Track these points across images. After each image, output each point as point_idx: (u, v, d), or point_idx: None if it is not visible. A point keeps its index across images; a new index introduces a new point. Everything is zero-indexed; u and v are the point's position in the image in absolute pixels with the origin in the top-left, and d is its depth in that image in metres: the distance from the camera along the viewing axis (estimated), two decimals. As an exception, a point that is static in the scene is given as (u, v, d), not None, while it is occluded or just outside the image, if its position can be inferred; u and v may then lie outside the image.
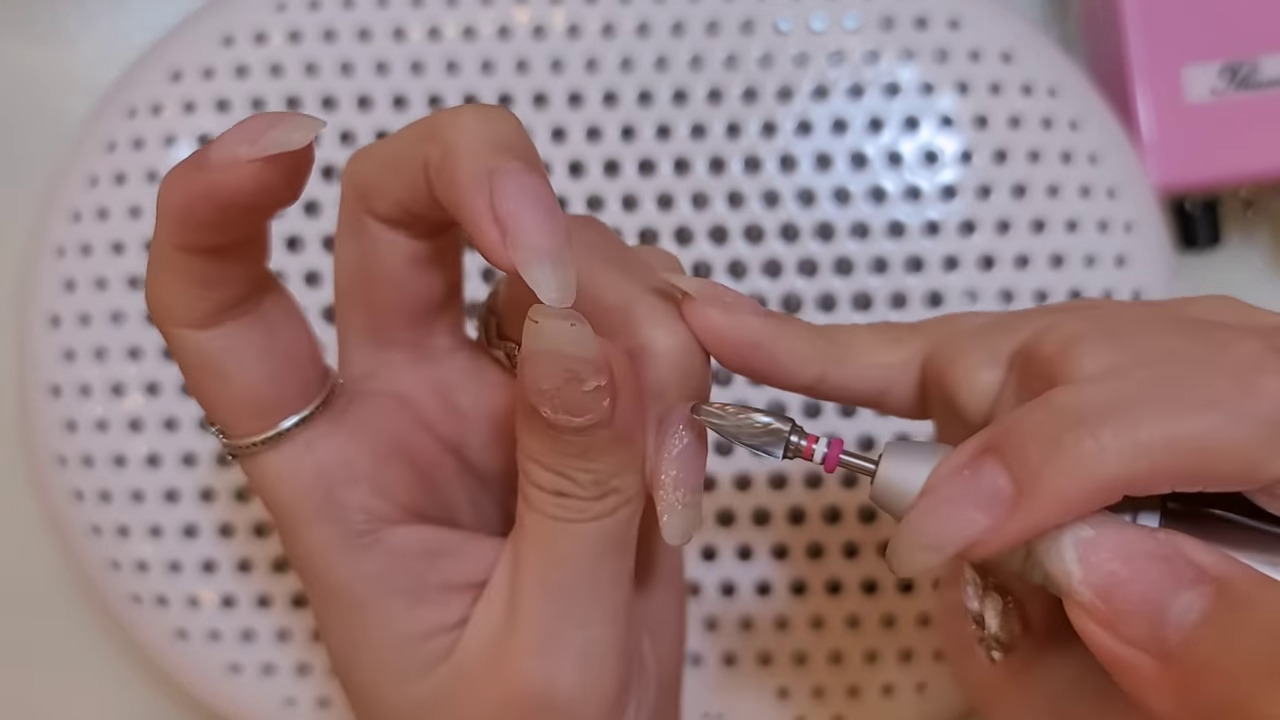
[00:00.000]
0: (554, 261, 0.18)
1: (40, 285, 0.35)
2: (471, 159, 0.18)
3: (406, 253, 0.21)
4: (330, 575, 0.21)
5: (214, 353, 0.20)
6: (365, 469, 0.21)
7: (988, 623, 0.21)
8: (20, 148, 0.39)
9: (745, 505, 0.34)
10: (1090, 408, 0.17)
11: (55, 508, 0.34)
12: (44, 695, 0.39)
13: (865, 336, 0.22)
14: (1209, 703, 0.16)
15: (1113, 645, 0.17)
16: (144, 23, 0.38)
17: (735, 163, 0.34)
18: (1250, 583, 0.16)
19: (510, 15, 0.35)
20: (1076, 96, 0.35)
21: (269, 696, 0.34)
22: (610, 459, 0.20)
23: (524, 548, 0.21)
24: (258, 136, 0.17)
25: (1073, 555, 0.17)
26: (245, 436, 0.21)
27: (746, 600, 0.34)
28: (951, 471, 0.18)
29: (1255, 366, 0.16)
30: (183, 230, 0.18)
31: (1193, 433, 0.16)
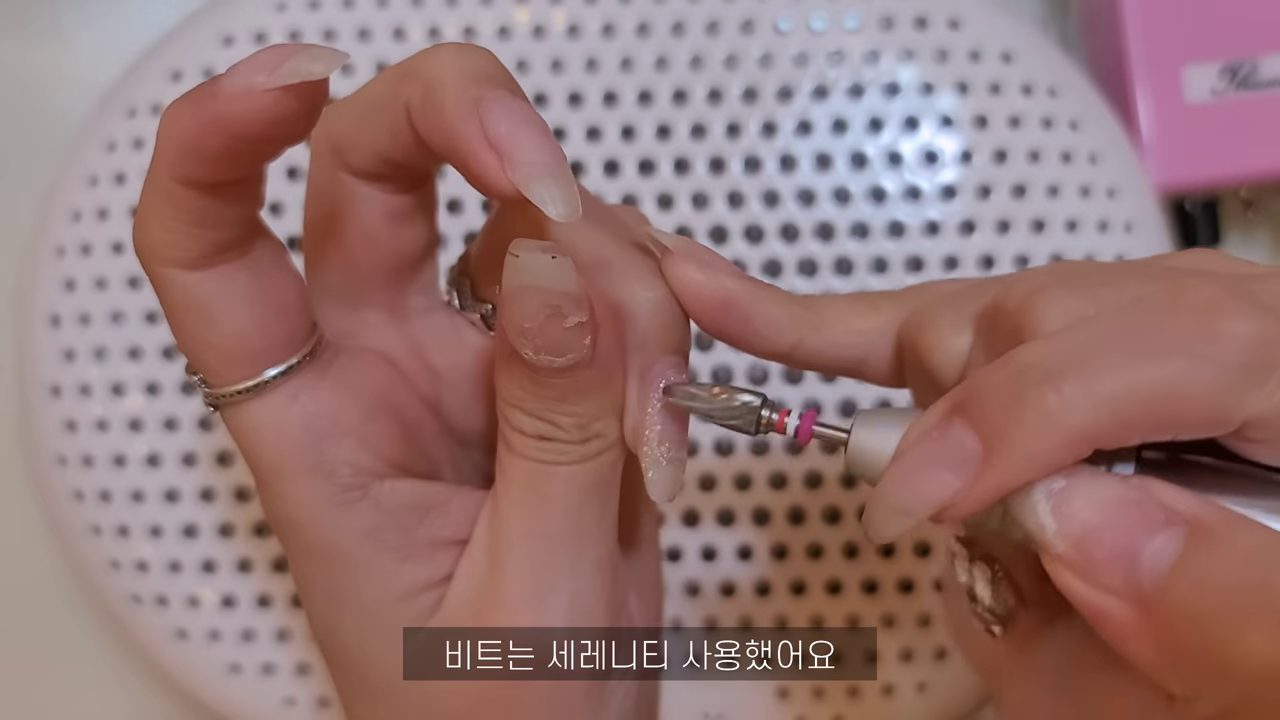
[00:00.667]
0: (555, 176, 0.18)
1: (40, 285, 0.35)
2: (456, 91, 0.18)
3: (383, 208, 0.21)
4: (315, 532, 0.21)
5: (203, 295, 0.19)
6: (352, 422, 0.21)
7: (979, 594, 0.21)
8: (20, 148, 0.39)
9: (745, 505, 0.34)
10: (1053, 362, 0.16)
11: (55, 508, 0.34)
12: (44, 695, 0.39)
13: (842, 304, 0.22)
14: (1185, 646, 0.15)
15: (1090, 595, 0.16)
16: (144, 23, 0.38)
17: (735, 163, 0.34)
18: (1223, 523, 0.16)
19: (510, 15, 0.35)
20: (1076, 96, 0.35)
21: (269, 696, 0.34)
22: (592, 400, 0.20)
23: (507, 496, 0.20)
24: (276, 65, 0.17)
25: (1045, 508, 0.17)
26: (229, 384, 0.20)
27: (746, 600, 0.34)
28: (920, 434, 0.18)
29: (1216, 309, 0.16)
30: (187, 162, 0.18)
31: (1156, 380, 0.16)
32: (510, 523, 0.20)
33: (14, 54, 0.40)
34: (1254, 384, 0.16)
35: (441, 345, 0.23)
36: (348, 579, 0.21)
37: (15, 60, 0.40)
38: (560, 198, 0.18)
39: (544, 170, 0.18)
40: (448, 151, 0.19)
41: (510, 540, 0.20)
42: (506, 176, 0.18)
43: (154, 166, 0.18)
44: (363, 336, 0.22)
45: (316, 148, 0.21)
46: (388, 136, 0.20)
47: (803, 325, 0.21)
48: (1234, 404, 0.16)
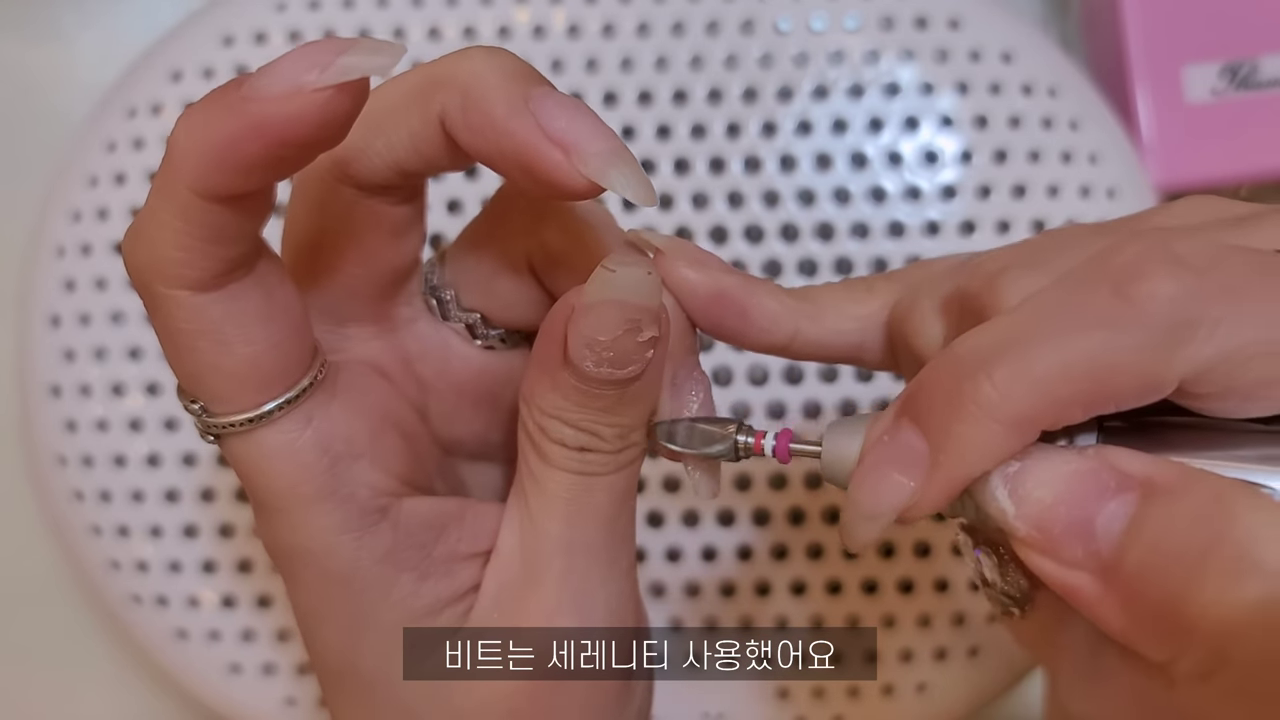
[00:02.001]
0: (627, 161, 0.17)
1: (40, 285, 0.35)
2: (503, 92, 0.17)
3: (385, 222, 0.20)
4: (332, 560, 0.20)
5: (215, 317, 0.18)
6: (365, 442, 0.20)
7: (989, 579, 0.20)
8: (20, 148, 0.39)
9: (745, 506, 0.34)
10: (986, 349, 0.16)
11: (55, 508, 0.34)
12: (44, 695, 0.39)
13: (838, 290, 0.22)
14: (1149, 607, 0.15)
15: (1058, 572, 0.16)
16: (144, 23, 0.38)
17: (735, 163, 0.34)
18: (1176, 479, 0.16)
19: (510, 15, 0.35)
20: (1076, 96, 0.35)
21: (269, 696, 0.34)
22: (635, 411, 0.20)
23: (544, 509, 0.20)
24: (328, 61, 0.15)
25: (1003, 493, 0.17)
26: (238, 413, 0.19)
27: (746, 600, 0.34)
28: (875, 439, 0.18)
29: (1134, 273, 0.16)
30: (217, 173, 0.16)
31: (1082, 355, 0.16)
32: (549, 537, 0.20)
33: (14, 54, 0.40)
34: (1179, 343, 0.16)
35: (428, 355, 0.22)
36: (369, 604, 0.20)
37: (15, 60, 0.40)
38: (637, 182, 0.17)
39: (613, 158, 0.17)
40: (500, 155, 0.18)
41: (549, 554, 0.20)
42: (578, 170, 0.17)
43: (167, 177, 0.17)
44: (350, 350, 0.22)
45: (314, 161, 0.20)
46: (407, 145, 0.19)
47: (800, 316, 0.21)
48: (1163, 367, 0.16)
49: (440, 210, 0.35)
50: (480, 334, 0.22)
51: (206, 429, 0.19)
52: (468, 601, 0.21)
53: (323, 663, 0.22)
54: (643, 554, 0.34)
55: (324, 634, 0.21)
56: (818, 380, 0.34)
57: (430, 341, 0.22)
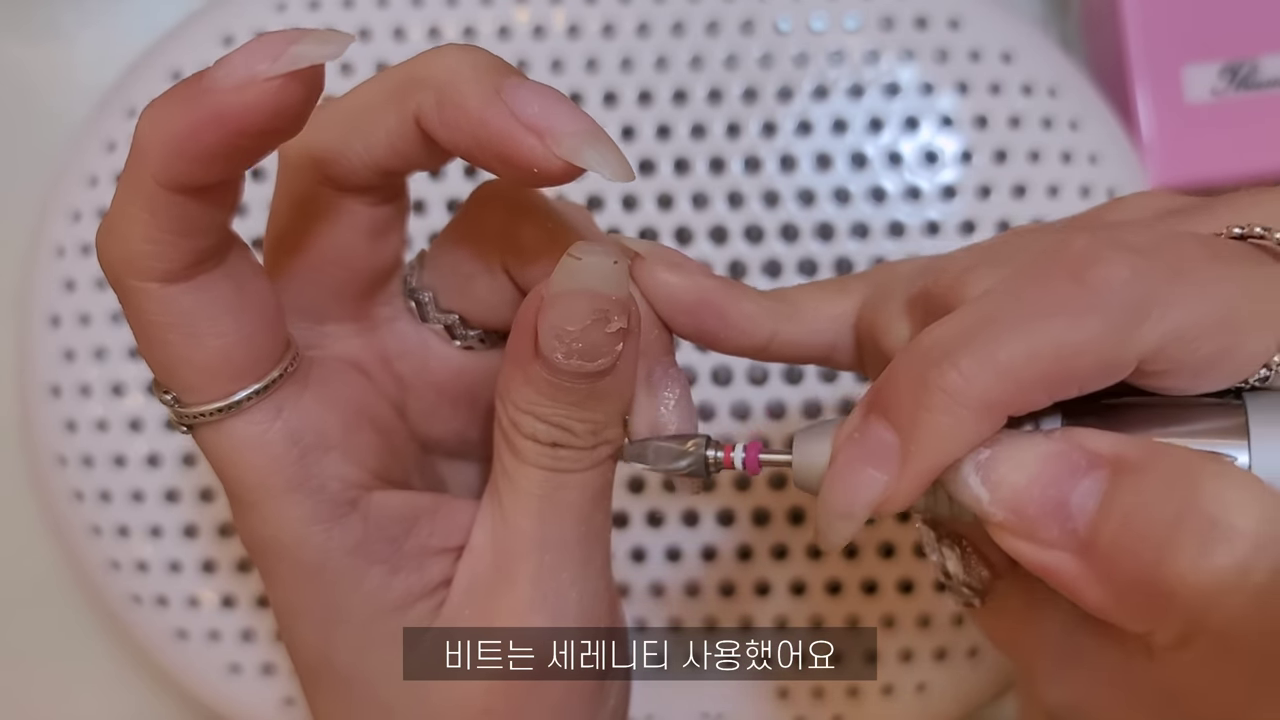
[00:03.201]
0: (602, 140, 0.18)
1: (40, 285, 0.35)
2: (475, 85, 0.18)
3: (365, 222, 0.20)
4: (302, 551, 0.20)
5: (185, 309, 0.18)
6: (336, 435, 0.20)
7: (952, 572, 0.21)
8: (20, 148, 0.39)
9: (745, 506, 0.34)
10: (949, 340, 0.17)
11: (55, 508, 0.35)
12: (44, 695, 0.39)
13: (813, 290, 0.22)
14: (1127, 580, 0.16)
15: (1036, 554, 0.17)
16: (144, 23, 0.38)
17: (735, 163, 0.34)
18: (1144, 454, 0.16)
19: (510, 15, 0.35)
20: (1076, 96, 0.35)
21: (269, 696, 0.34)
22: (607, 407, 0.20)
23: (517, 505, 0.20)
24: (279, 52, 0.16)
25: (975, 480, 0.17)
26: (208, 403, 0.19)
27: (746, 600, 0.34)
28: (845, 438, 0.18)
29: (1088, 259, 0.16)
30: (178, 164, 0.17)
31: (1046, 341, 0.16)
32: (520, 533, 0.20)
33: (13, 54, 0.40)
34: (1135, 324, 0.16)
35: (407, 355, 0.23)
36: (340, 597, 0.20)
37: (15, 61, 0.40)
38: (614, 160, 0.17)
39: (590, 137, 0.17)
40: (478, 147, 0.18)
41: (521, 551, 0.20)
42: (553, 153, 0.17)
43: (133, 171, 0.17)
44: (329, 347, 0.22)
45: (292, 160, 0.20)
46: (385, 145, 0.19)
47: (776, 316, 0.21)
48: (1122, 347, 0.16)
49: (442, 209, 0.35)
50: (459, 334, 0.22)
51: (179, 419, 0.20)
52: (439, 596, 0.21)
53: (299, 658, 0.22)
54: (643, 554, 0.34)
55: (299, 628, 0.21)
56: (818, 380, 0.34)
57: (410, 341, 0.22)
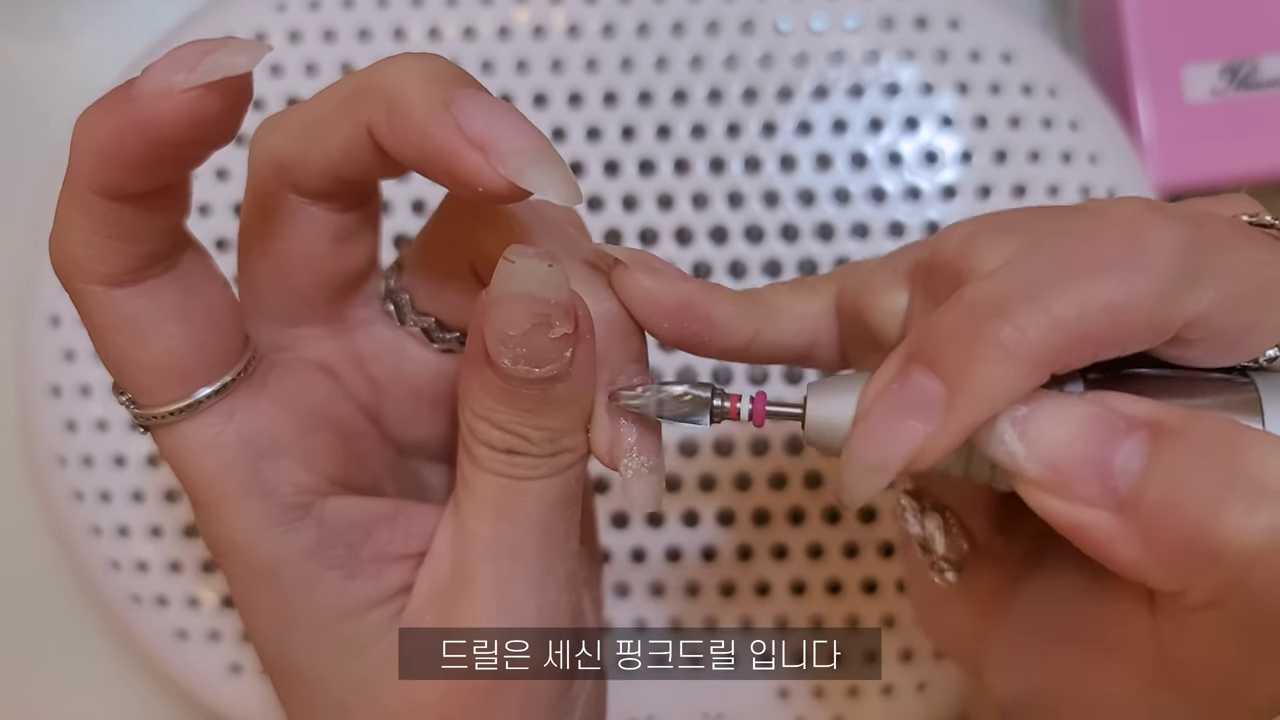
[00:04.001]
0: (548, 159, 0.17)
1: (40, 285, 0.35)
2: (423, 97, 0.17)
3: (329, 228, 0.20)
4: (256, 554, 0.20)
5: (131, 312, 0.18)
6: (291, 439, 0.20)
7: (934, 543, 0.21)
8: (20, 148, 0.39)
9: (745, 505, 0.34)
10: (1000, 295, 0.17)
11: (55, 508, 0.34)
12: (44, 695, 0.39)
13: (784, 290, 0.22)
14: (1171, 538, 0.16)
15: (1070, 511, 0.17)
16: (144, 23, 0.38)
17: (735, 163, 0.34)
18: (1182, 419, 0.16)
19: (510, 15, 0.35)
20: (1076, 96, 0.35)
21: (269, 696, 0.34)
22: (563, 414, 0.19)
23: (473, 512, 0.20)
24: (195, 62, 0.16)
25: (1012, 436, 0.17)
26: (161, 405, 0.19)
27: (746, 600, 0.34)
28: (880, 389, 0.18)
29: (1138, 223, 0.17)
30: (105, 171, 0.17)
31: (1101, 297, 0.16)
32: (477, 540, 0.20)
33: (13, 54, 0.40)
34: (1187, 286, 0.16)
35: (383, 358, 0.22)
36: (294, 600, 0.20)
37: (14, 60, 0.40)
38: (559, 181, 0.17)
39: (535, 156, 0.17)
40: (423, 160, 0.18)
41: (477, 558, 0.20)
42: (496, 171, 0.17)
43: (69, 177, 0.17)
44: (300, 350, 0.22)
45: (258, 165, 0.20)
46: (341, 153, 0.19)
47: (757, 318, 0.21)
48: (1173, 307, 0.16)
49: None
50: (436, 337, 0.22)
51: (136, 420, 0.20)
52: (398, 603, 0.21)
53: (262, 655, 0.22)
54: (643, 554, 0.34)
55: (259, 627, 0.21)
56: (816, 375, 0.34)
57: (385, 344, 0.22)
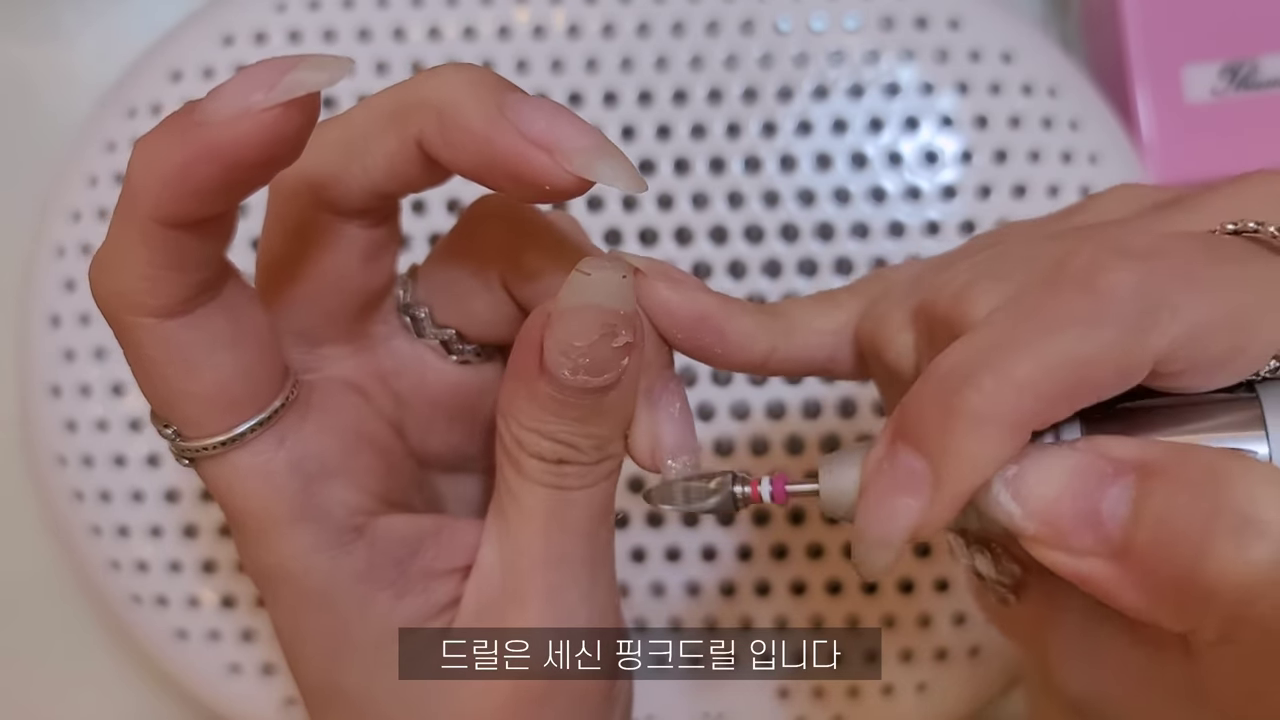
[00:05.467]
0: (612, 153, 0.17)
1: (40, 285, 0.35)
2: (478, 105, 0.18)
3: (359, 246, 0.20)
4: (308, 579, 0.20)
5: (184, 343, 0.18)
6: (338, 461, 0.20)
7: (983, 572, 0.21)
8: (20, 148, 0.39)
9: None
10: (967, 364, 0.17)
11: (55, 508, 0.35)
12: (44, 695, 0.39)
13: (807, 305, 0.22)
14: (1166, 580, 0.16)
15: (1072, 563, 0.17)
16: (144, 23, 0.38)
17: (735, 163, 0.34)
18: (1168, 457, 0.16)
19: (510, 15, 0.35)
20: (1076, 96, 0.35)
21: (269, 696, 0.34)
22: (611, 422, 0.20)
23: (523, 524, 0.20)
24: (274, 80, 0.16)
25: (1006, 496, 0.17)
26: (209, 436, 0.19)
27: (746, 600, 0.34)
28: (874, 468, 0.18)
29: (1094, 268, 0.17)
30: (175, 200, 0.16)
31: (1062, 353, 0.16)
32: (528, 552, 0.20)
33: (14, 54, 0.40)
34: (1148, 328, 0.16)
35: (404, 372, 0.22)
36: (348, 622, 0.20)
37: (15, 60, 0.40)
38: (626, 171, 0.17)
39: (601, 151, 0.17)
40: (484, 166, 0.18)
41: (529, 570, 0.20)
42: (564, 169, 0.17)
43: (127, 207, 0.17)
44: (325, 369, 0.22)
45: (287, 185, 0.20)
46: (385, 169, 0.19)
47: (774, 333, 0.21)
48: (1136, 352, 0.16)
49: (442, 210, 0.35)
50: (455, 350, 0.22)
51: (180, 453, 0.19)
52: (447, 617, 0.21)
53: (306, 682, 0.22)
54: (642, 554, 0.34)
55: (306, 653, 0.21)
56: (817, 381, 0.34)
57: (406, 358, 0.22)
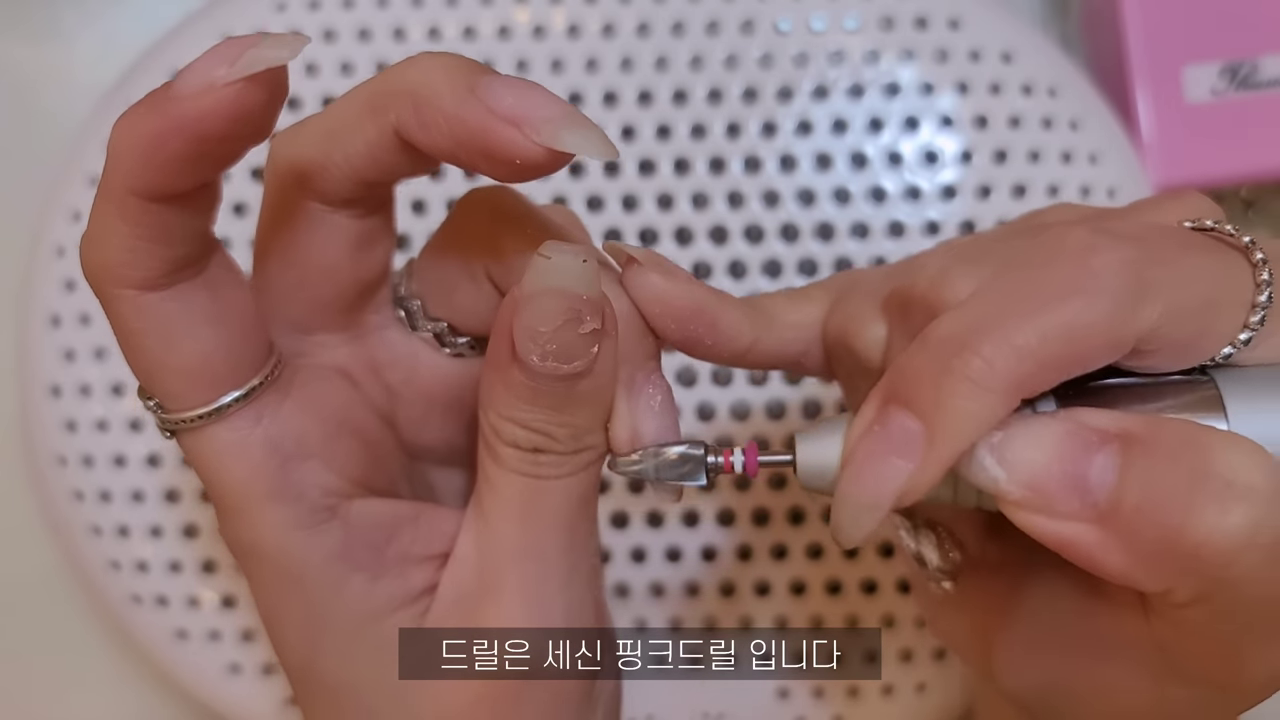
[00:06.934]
0: (579, 122, 0.18)
1: (40, 285, 0.35)
2: (450, 87, 0.18)
3: (350, 235, 0.21)
4: (284, 557, 0.20)
5: (164, 316, 0.18)
6: (317, 442, 0.21)
7: (927, 558, 0.22)
8: (20, 148, 0.39)
9: (745, 505, 0.34)
10: (965, 329, 0.17)
11: (55, 508, 0.34)
12: (44, 695, 0.39)
13: (780, 299, 0.23)
14: (1150, 543, 0.17)
15: (1054, 526, 0.17)
16: (144, 23, 0.38)
17: (735, 163, 0.34)
18: (1149, 428, 0.17)
19: (510, 15, 0.35)
20: (1076, 96, 0.35)
21: (269, 696, 0.34)
22: (587, 411, 0.20)
23: (499, 513, 0.20)
24: (235, 56, 0.16)
25: (991, 462, 0.18)
26: (189, 409, 0.19)
27: (746, 600, 0.34)
28: (863, 431, 0.18)
29: (1088, 247, 0.17)
30: (149, 172, 0.17)
31: (1059, 323, 0.17)
32: (504, 541, 0.20)
33: (14, 54, 0.40)
34: (1137, 303, 0.17)
35: (397, 364, 0.23)
36: (323, 603, 0.21)
37: (15, 60, 0.40)
38: (594, 139, 0.18)
39: (566, 121, 0.17)
40: (458, 146, 0.18)
41: (504, 559, 0.20)
42: (532, 141, 0.17)
43: (107, 181, 0.17)
44: (317, 356, 0.22)
45: (278, 175, 0.20)
46: (365, 156, 0.19)
47: (756, 325, 0.22)
48: (1127, 325, 0.17)
49: (442, 209, 0.35)
50: (448, 342, 0.22)
51: (163, 425, 0.20)
52: (422, 604, 0.21)
53: (286, 662, 0.22)
54: (642, 554, 0.34)
55: (284, 633, 0.21)
56: (817, 382, 0.34)
57: (399, 350, 0.23)
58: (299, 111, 0.34)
